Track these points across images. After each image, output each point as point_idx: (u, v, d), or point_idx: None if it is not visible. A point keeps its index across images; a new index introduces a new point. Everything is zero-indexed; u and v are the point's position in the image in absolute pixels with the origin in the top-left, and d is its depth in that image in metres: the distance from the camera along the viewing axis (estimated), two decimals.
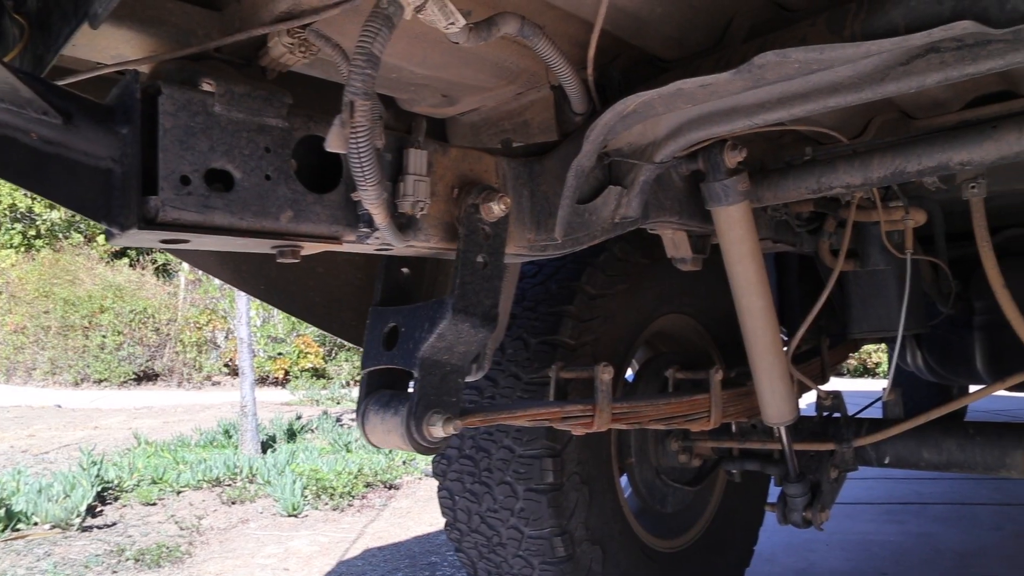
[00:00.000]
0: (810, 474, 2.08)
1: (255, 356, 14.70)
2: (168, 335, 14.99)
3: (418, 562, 3.87)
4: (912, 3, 1.05)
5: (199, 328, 15.46)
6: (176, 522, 4.77)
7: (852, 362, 16.54)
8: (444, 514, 2.31)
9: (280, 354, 15.10)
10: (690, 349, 2.65)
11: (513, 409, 1.40)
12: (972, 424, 2.00)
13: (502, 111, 1.81)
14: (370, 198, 1.00)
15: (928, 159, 1.66)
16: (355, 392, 9.61)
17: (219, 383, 15.03)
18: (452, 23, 1.02)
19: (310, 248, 1.15)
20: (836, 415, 2.20)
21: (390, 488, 5.73)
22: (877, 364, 16.71)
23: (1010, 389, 2.66)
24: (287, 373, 14.75)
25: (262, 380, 14.76)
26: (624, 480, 2.43)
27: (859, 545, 3.72)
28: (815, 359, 2.66)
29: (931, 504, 4.36)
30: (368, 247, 1.17)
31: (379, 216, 1.04)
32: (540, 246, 1.40)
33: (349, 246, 1.15)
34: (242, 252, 1.59)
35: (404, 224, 1.14)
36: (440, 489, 2.30)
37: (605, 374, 1.59)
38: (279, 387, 14.50)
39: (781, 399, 1.90)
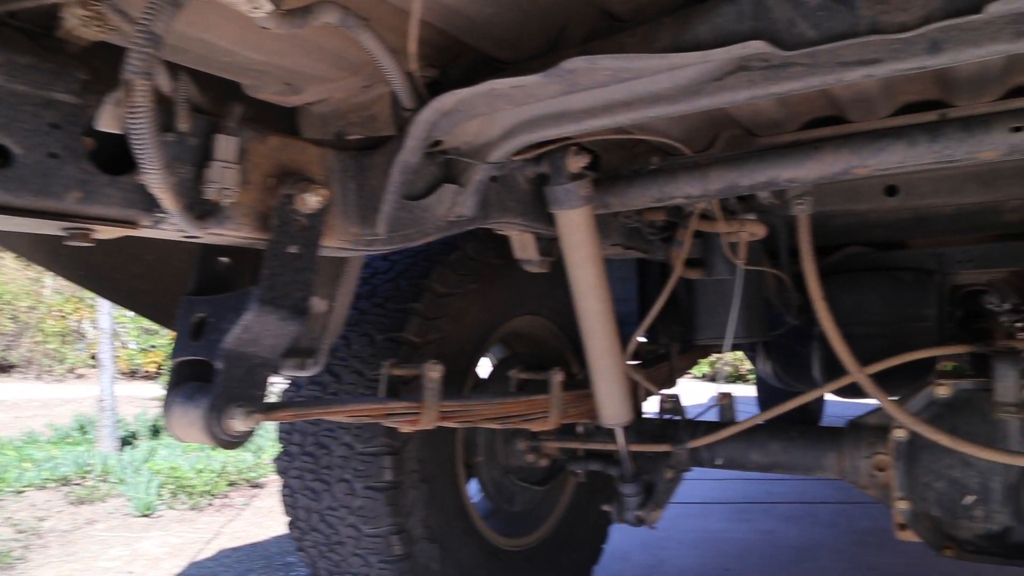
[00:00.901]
0: (646, 474, 2.15)
1: (126, 348, 13.99)
2: (27, 323, 14.07)
3: (273, 563, 3.77)
4: (717, 20, 1.09)
5: (64, 317, 14.59)
6: (13, 524, 4.47)
7: (727, 368, 17.25)
8: (287, 512, 2.26)
9: (153, 347, 14.43)
10: (546, 351, 2.69)
11: (330, 405, 1.38)
12: (796, 428, 2.11)
13: (351, 103, 1.78)
14: (155, 182, 0.96)
15: (759, 174, 1.74)
16: None
17: (84, 376, 14.23)
18: (256, 8, 0.99)
19: (105, 232, 1.09)
20: (676, 418, 2.28)
21: (255, 487, 5.56)
22: (749, 371, 17.49)
23: (846, 395, 2.83)
24: (160, 367, 14.11)
25: (132, 374, 14.07)
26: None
27: (709, 542, 3.87)
28: (664, 364, 2.75)
29: (778, 503, 4.59)
30: (168, 233, 1.12)
31: (167, 201, 0.99)
32: (366, 241, 1.38)
33: (147, 231, 1.10)
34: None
35: (207, 211, 1.09)
36: (283, 486, 2.24)
37: (432, 372, 1.59)
38: (151, 381, 13.84)
39: (617, 401, 1.95)
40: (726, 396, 2.17)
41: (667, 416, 2.28)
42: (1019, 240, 2.84)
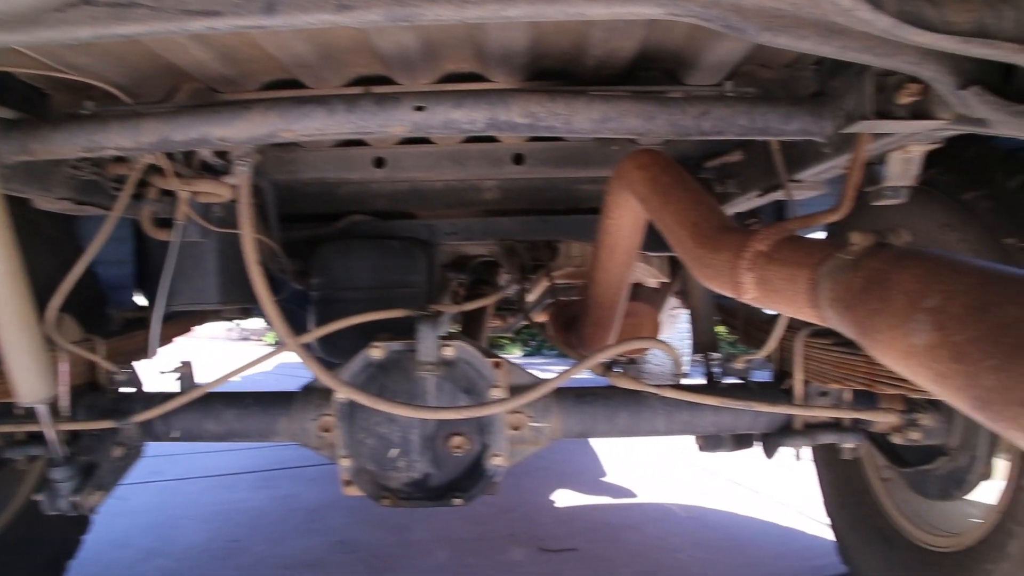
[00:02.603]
0: (88, 454, 1.95)
1: None
2: None
3: None
4: None
5: None
6: None
7: None
8: None
9: None
10: None
11: None
12: (251, 394, 2.08)
13: None
14: None
15: (191, 131, 1.64)
16: None
17: None
18: None
19: None
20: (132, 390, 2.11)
21: None
22: None
23: None
24: None
25: None
26: None
27: (222, 515, 3.76)
28: (140, 332, 2.55)
29: (308, 466, 4.66)
30: None
31: None
32: None
33: None
34: None
35: None
36: None
37: None
38: None
39: (33, 375, 1.72)
40: (186, 364, 2.06)
41: (121, 389, 2.10)
42: (497, 216, 3.16)
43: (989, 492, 1.95)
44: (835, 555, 2.70)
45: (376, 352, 1.90)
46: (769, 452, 2.06)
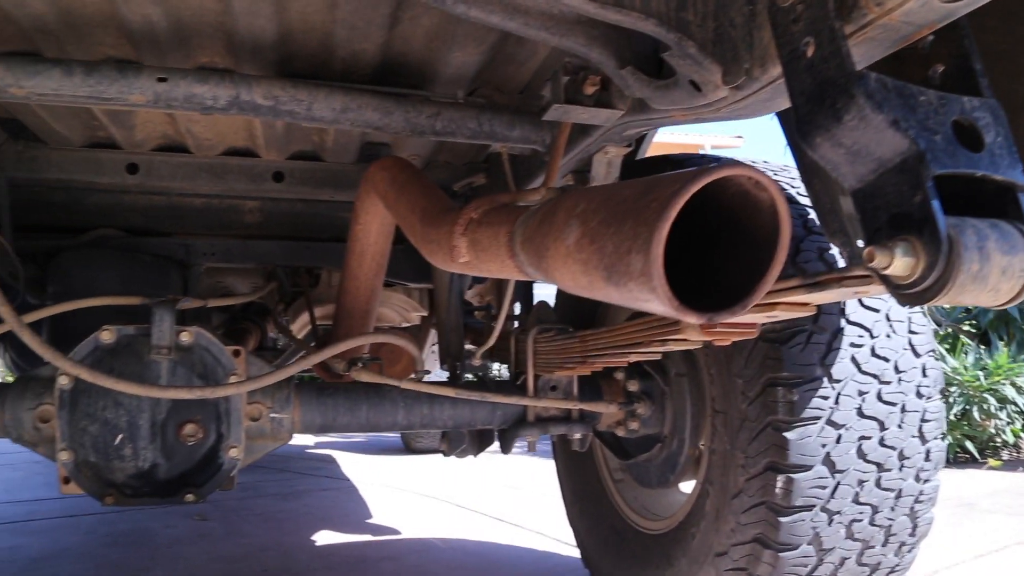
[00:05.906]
0: None
1: None
2: None
3: None
4: None
5: None
6: None
7: None
8: None
9: None
10: None
11: None
12: None
13: None
14: None
15: None
16: None
17: None
18: None
19: None
20: None
21: None
22: None
23: None
24: None
25: None
26: None
27: None
28: None
29: (35, 520, 4.21)
30: None
31: None
32: None
33: None
34: None
35: None
36: None
37: None
38: None
39: None
40: None
41: None
42: (258, 240, 3.14)
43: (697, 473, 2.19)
44: (581, 571, 2.87)
45: (107, 335, 1.84)
46: (506, 446, 2.20)
